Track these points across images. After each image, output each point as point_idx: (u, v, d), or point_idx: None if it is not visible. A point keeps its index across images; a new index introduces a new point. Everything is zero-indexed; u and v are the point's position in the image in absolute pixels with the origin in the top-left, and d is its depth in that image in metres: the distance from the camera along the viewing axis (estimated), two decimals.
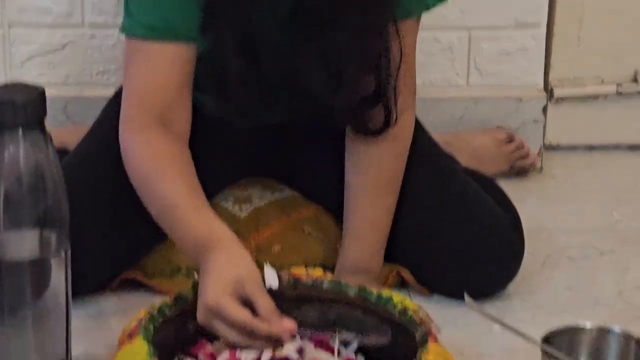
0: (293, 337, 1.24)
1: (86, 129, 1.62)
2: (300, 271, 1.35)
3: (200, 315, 1.24)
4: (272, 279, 1.31)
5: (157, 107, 1.37)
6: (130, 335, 1.21)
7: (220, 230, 1.32)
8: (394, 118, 1.43)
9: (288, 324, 1.23)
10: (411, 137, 1.51)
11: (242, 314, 1.22)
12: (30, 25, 1.90)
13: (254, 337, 1.22)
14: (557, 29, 2.04)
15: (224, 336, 1.23)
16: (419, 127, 1.62)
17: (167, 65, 1.37)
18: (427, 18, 1.84)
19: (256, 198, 1.65)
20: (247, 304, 1.24)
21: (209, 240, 1.29)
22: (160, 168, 1.36)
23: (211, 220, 1.33)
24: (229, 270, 1.25)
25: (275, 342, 1.23)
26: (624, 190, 1.94)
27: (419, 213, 1.55)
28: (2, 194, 1.21)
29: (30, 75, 1.89)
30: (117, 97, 1.61)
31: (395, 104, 1.43)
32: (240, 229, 1.57)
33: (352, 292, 1.32)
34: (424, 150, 1.59)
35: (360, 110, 1.43)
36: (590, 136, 2.11)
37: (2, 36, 1.90)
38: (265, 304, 1.23)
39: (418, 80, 1.93)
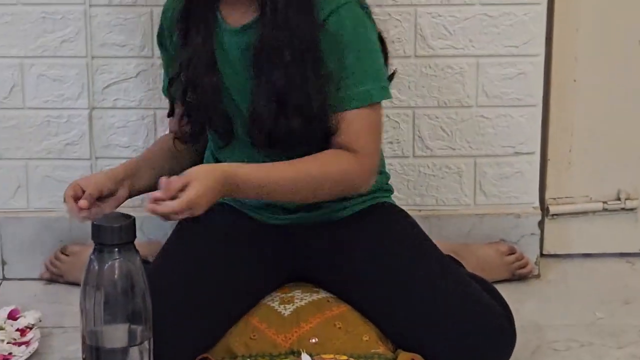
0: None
1: (158, 243, 1.90)
2: (329, 357, 1.56)
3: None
4: None
5: (172, 129, 1.92)
6: None
7: None
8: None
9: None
10: (362, 178, 1.73)
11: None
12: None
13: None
14: (550, 154, 2.16)
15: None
16: (425, 237, 1.81)
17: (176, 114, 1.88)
18: (439, 146, 2.07)
19: (297, 299, 1.78)
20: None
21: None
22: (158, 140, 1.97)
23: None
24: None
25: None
26: (608, 292, 2.06)
27: (427, 301, 1.68)
28: (103, 297, 1.44)
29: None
30: (180, 228, 1.87)
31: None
32: (285, 324, 1.73)
33: None
34: (430, 250, 1.77)
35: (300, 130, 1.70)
36: (582, 246, 2.21)
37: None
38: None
39: (432, 201, 2.12)
